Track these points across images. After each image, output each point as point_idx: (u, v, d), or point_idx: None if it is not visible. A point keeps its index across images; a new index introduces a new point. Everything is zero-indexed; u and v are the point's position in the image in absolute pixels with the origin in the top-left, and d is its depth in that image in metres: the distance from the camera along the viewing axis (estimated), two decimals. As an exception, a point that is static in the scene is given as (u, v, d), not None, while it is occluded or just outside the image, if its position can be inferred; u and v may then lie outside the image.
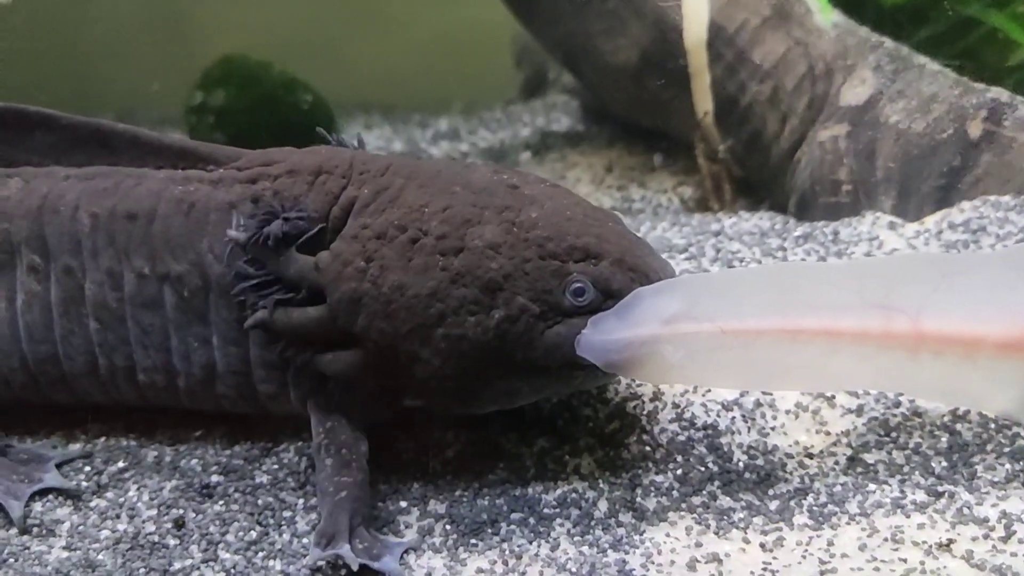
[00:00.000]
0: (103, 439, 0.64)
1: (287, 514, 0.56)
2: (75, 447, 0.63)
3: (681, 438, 0.60)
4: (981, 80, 0.86)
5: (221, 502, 0.56)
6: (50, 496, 0.59)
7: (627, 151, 0.99)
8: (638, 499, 0.57)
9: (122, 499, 0.58)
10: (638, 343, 0.53)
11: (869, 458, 0.58)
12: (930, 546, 0.51)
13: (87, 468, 0.61)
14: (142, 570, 0.53)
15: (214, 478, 0.58)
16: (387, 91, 1.42)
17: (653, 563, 0.52)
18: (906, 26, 0.94)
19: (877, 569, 0.50)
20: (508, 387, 0.54)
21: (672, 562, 0.52)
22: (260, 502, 0.56)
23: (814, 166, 0.80)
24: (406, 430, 0.60)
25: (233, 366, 0.57)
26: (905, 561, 0.51)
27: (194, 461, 0.59)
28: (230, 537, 0.54)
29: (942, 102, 0.78)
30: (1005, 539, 0.51)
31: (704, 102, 0.84)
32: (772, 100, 0.82)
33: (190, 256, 0.57)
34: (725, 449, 0.59)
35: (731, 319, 0.53)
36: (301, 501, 0.56)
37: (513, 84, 1.37)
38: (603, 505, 0.56)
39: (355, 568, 0.50)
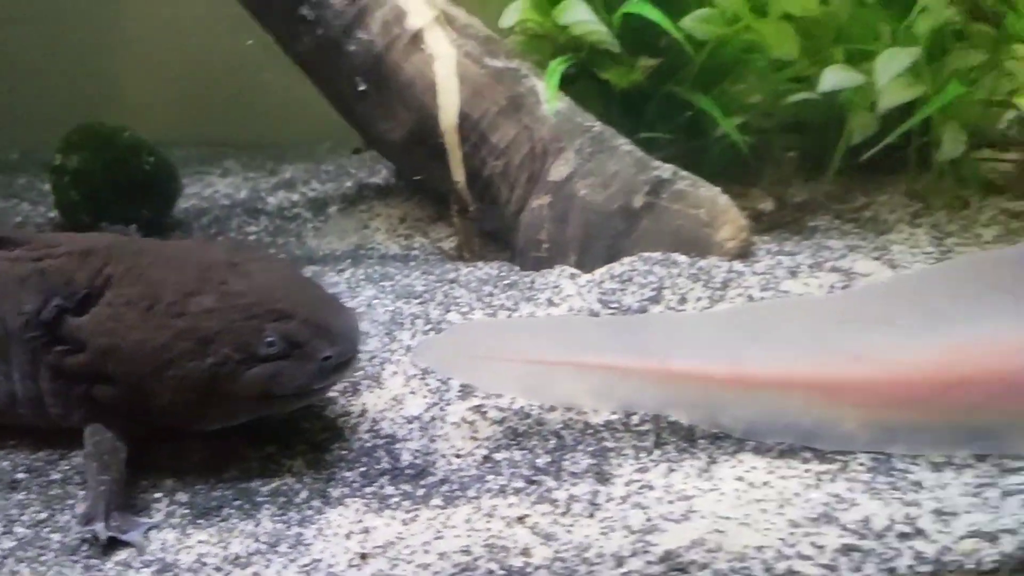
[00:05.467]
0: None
1: (70, 502, 0.78)
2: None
3: (369, 444, 0.82)
4: (684, 152, 1.09)
5: (23, 492, 0.78)
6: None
7: (419, 206, 1.21)
8: (329, 490, 0.78)
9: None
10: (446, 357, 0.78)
11: (498, 456, 0.80)
12: (510, 519, 0.73)
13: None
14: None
15: (19, 475, 0.80)
16: (272, 131, 1.62)
17: (322, 533, 0.73)
18: (635, 106, 1.16)
19: (469, 535, 0.72)
20: (223, 411, 0.76)
21: (335, 533, 0.73)
22: (51, 493, 0.79)
23: (527, 227, 1.01)
24: (167, 440, 0.81)
25: (30, 394, 0.80)
26: (489, 530, 0.72)
27: (6, 463, 0.82)
28: (25, 517, 0.76)
29: (620, 179, 1.00)
30: (564, 514, 0.73)
31: (457, 172, 1.06)
32: (504, 174, 1.04)
33: None
34: (399, 452, 0.81)
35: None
36: (82, 492, 0.77)
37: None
38: (303, 494, 0.78)
39: (103, 539, 0.71)
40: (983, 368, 0.72)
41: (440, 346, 0.83)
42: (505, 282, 0.98)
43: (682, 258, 0.96)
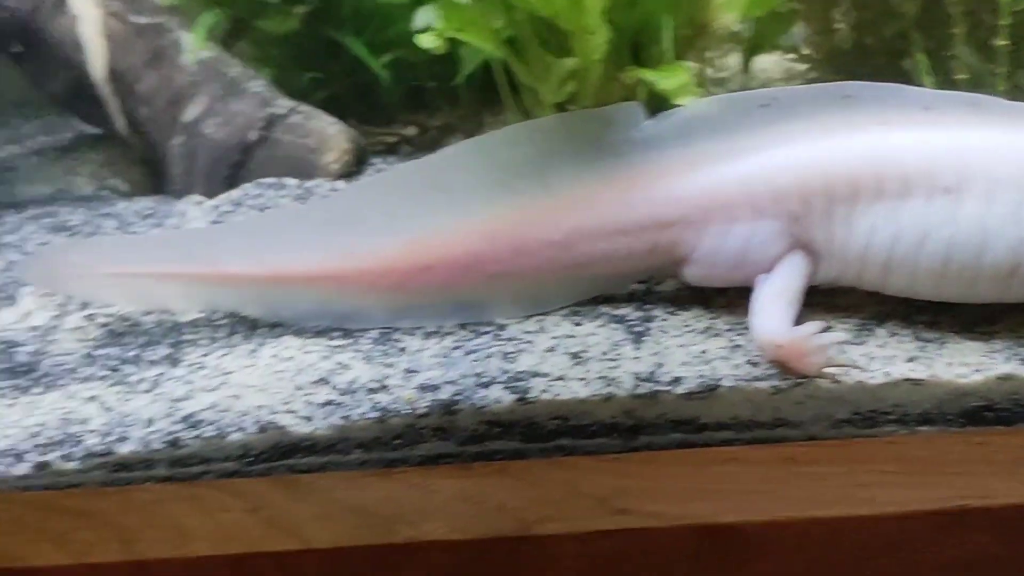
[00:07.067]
0: None
1: None
2: None
3: None
4: (346, 89, 1.24)
5: None
6: None
7: (122, 151, 1.35)
8: None
9: None
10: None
11: (97, 353, 0.97)
12: (85, 399, 0.90)
13: None
14: None
15: None
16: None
17: None
18: (298, 50, 1.31)
19: (49, 413, 0.88)
20: None
21: None
22: None
23: (168, 164, 1.18)
24: None
25: None
26: (65, 408, 0.89)
27: None
28: None
29: (241, 116, 1.17)
30: (130, 391, 0.90)
31: (118, 120, 1.21)
32: (152, 118, 1.21)
33: None
34: (15, 355, 0.96)
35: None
36: None
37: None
38: None
39: None
40: (438, 255, 0.90)
41: (38, 265, 0.99)
42: (148, 213, 1.15)
43: (292, 181, 1.13)
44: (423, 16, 1.16)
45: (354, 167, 1.15)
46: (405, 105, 1.34)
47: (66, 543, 0.78)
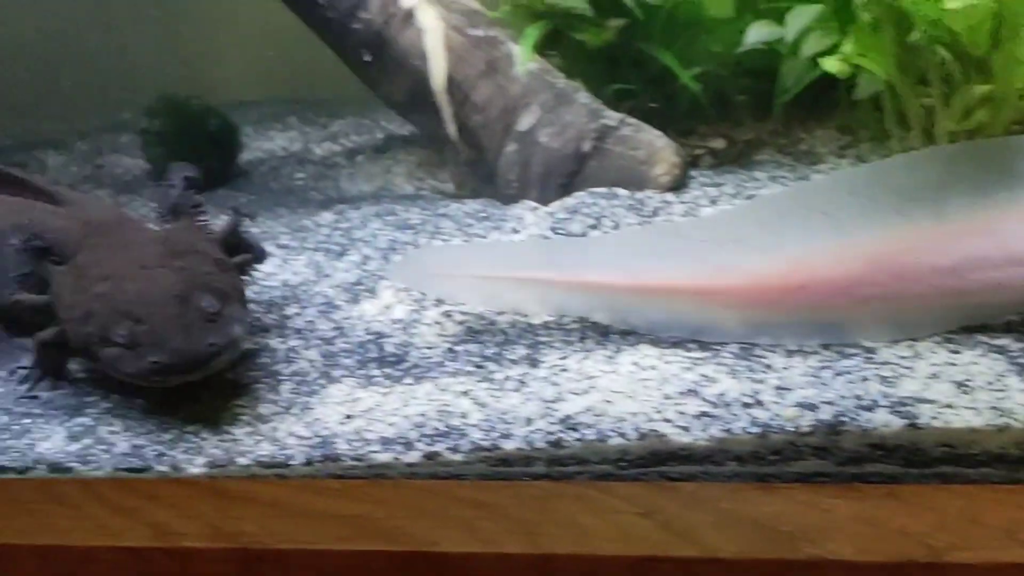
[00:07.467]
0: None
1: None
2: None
3: (364, 340, 1.06)
4: (653, 100, 1.26)
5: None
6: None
7: (434, 153, 1.43)
8: (332, 371, 1.02)
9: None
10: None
11: (458, 348, 1.03)
12: (459, 393, 0.96)
13: None
14: None
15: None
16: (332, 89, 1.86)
17: (323, 401, 0.98)
18: (610, 62, 1.33)
19: (427, 403, 0.95)
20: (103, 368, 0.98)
21: (333, 400, 0.97)
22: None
23: (501, 170, 1.22)
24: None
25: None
26: (441, 400, 0.95)
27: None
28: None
29: (574, 127, 1.21)
30: (499, 389, 0.95)
31: (450, 126, 1.28)
32: (485, 126, 1.26)
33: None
34: (384, 345, 1.05)
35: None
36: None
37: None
38: (312, 376, 1.02)
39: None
40: (814, 276, 0.90)
41: (407, 266, 1.06)
42: (482, 215, 1.20)
43: (623, 191, 1.16)
44: (755, 32, 1.17)
45: (681, 180, 1.18)
46: (706, 118, 1.35)
47: (473, 531, 0.83)
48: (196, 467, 0.93)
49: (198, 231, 1.07)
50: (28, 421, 1.01)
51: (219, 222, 1.12)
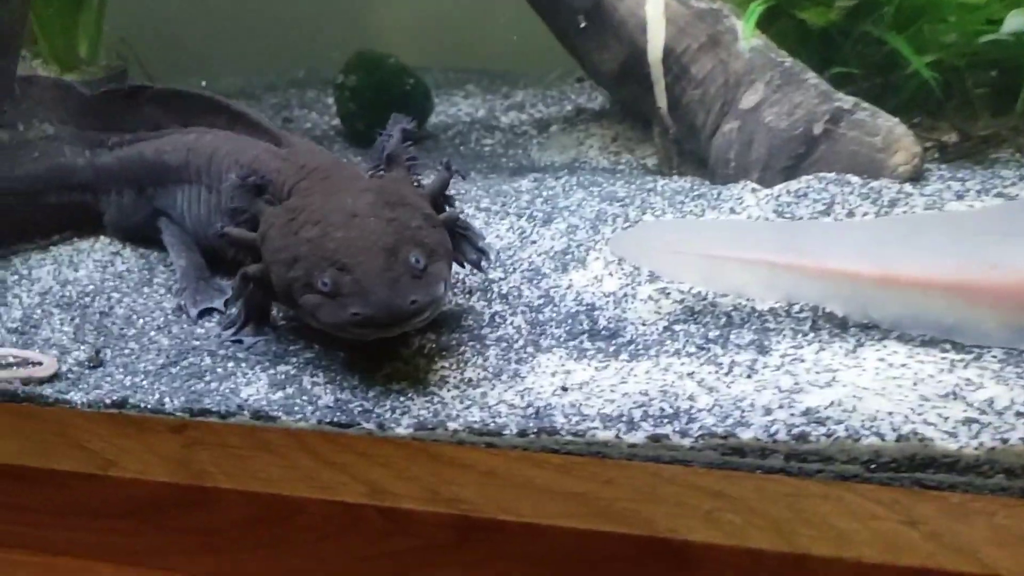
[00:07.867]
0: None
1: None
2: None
3: (574, 311, 1.00)
4: (876, 87, 1.18)
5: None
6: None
7: (629, 128, 1.38)
8: (540, 340, 0.98)
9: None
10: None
11: (676, 327, 0.97)
12: (683, 374, 0.90)
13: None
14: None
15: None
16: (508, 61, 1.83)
17: (533, 370, 0.93)
18: (831, 43, 1.25)
19: (647, 383, 0.89)
20: (303, 312, 0.95)
21: (544, 370, 0.93)
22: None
23: (718, 148, 1.15)
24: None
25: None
26: (663, 380, 0.89)
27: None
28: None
29: (803, 108, 1.13)
30: (727, 374, 0.89)
31: (661, 99, 1.22)
32: (701, 101, 1.20)
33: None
34: (597, 318, 1.00)
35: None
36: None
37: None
38: (519, 343, 0.97)
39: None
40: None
41: (631, 239, 1.01)
42: (695, 193, 1.14)
43: (855, 179, 1.08)
44: (1015, 21, 1.08)
45: (920, 171, 1.09)
46: (929, 109, 1.26)
47: (715, 523, 0.76)
48: (403, 428, 0.89)
49: (410, 184, 1.04)
50: (232, 365, 1.00)
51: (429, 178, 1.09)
